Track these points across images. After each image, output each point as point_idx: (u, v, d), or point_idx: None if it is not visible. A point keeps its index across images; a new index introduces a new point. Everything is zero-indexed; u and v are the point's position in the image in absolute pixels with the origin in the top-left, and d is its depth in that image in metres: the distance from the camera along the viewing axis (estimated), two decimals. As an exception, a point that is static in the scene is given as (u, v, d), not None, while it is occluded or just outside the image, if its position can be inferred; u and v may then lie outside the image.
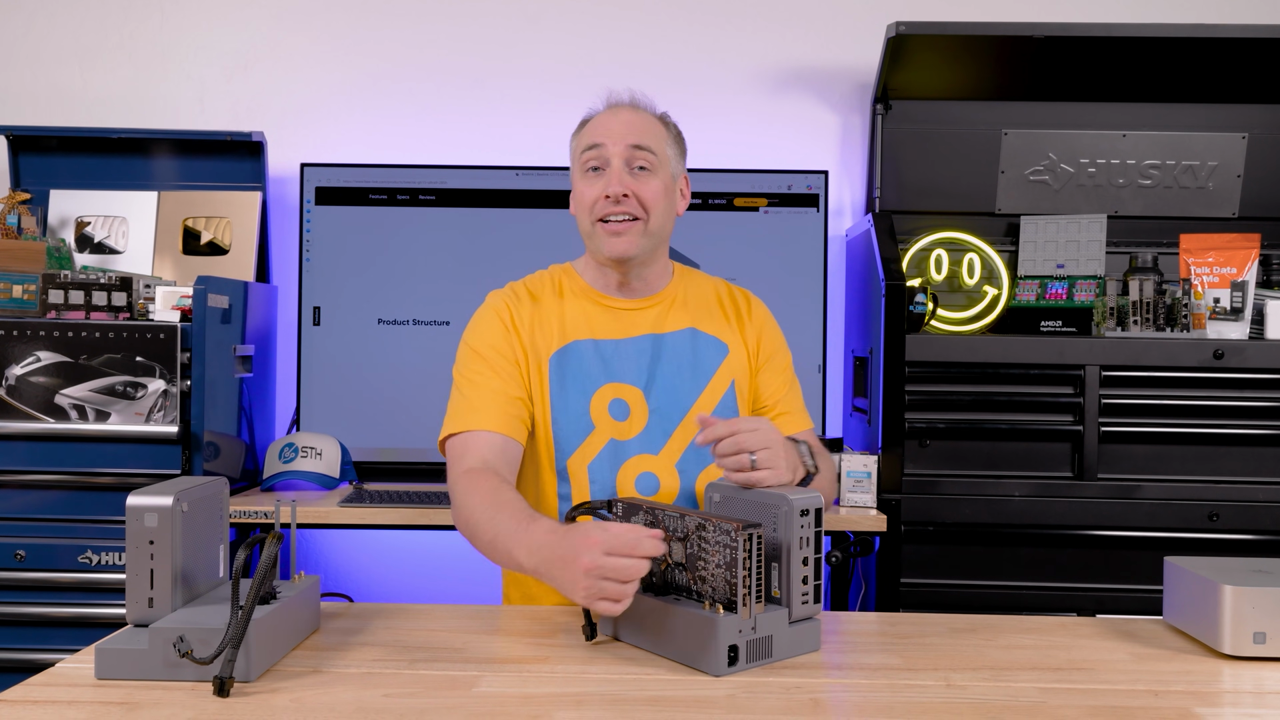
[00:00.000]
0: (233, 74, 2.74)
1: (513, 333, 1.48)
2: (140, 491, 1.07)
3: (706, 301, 1.56)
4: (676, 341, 1.50)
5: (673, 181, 1.50)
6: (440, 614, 1.30)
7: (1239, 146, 2.51)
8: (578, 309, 1.51)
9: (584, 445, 1.45)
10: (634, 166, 1.45)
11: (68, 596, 2.11)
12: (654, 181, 1.45)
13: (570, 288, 1.53)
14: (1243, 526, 2.10)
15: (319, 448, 2.33)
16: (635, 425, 1.46)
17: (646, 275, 1.52)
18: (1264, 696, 1.04)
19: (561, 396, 1.46)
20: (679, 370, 1.49)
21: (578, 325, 1.49)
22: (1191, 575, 1.21)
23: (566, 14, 2.73)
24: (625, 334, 1.50)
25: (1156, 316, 2.17)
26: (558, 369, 1.47)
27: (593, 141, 1.46)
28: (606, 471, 1.45)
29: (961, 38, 2.32)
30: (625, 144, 1.44)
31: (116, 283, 2.20)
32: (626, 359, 1.48)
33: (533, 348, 1.48)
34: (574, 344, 1.48)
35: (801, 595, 1.12)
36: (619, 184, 1.43)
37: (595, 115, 1.51)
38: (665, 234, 1.51)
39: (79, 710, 0.95)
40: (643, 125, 1.47)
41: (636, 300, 1.52)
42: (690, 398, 1.48)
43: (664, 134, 1.50)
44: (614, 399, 1.47)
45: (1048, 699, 1.02)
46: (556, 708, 0.97)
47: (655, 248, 1.50)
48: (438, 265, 2.54)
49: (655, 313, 1.52)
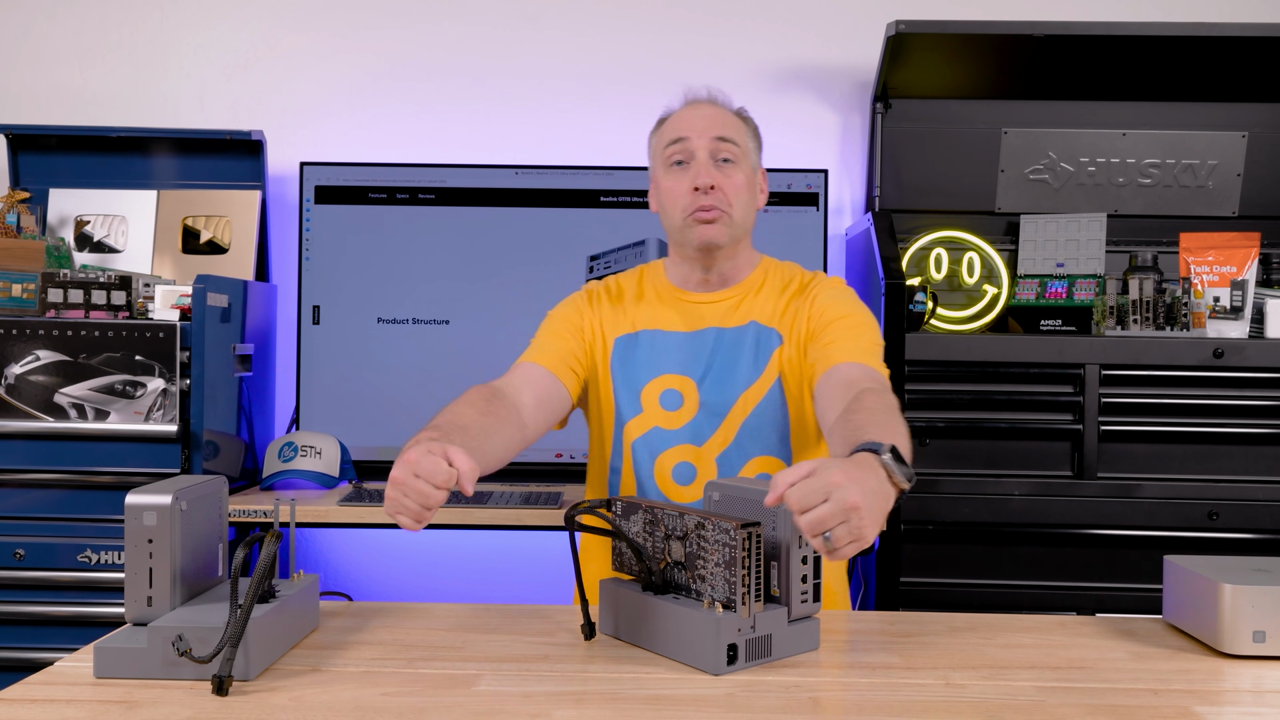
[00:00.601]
0: (232, 73, 2.74)
1: (584, 317, 1.56)
2: (139, 490, 1.07)
3: (779, 290, 1.55)
4: (737, 336, 1.52)
5: (753, 175, 1.53)
6: (439, 613, 1.30)
7: (1239, 145, 2.51)
8: (652, 302, 1.56)
9: (631, 424, 1.51)
10: (718, 158, 1.48)
11: (67, 595, 2.11)
12: (738, 175, 1.49)
13: (652, 284, 1.59)
14: (1242, 525, 2.10)
15: (318, 447, 2.33)
16: (685, 416, 1.49)
17: (728, 269, 1.54)
18: (1263, 695, 1.04)
19: (620, 377, 1.52)
20: (734, 364, 1.50)
21: (649, 317, 1.55)
22: (1191, 574, 1.21)
23: (566, 14, 2.73)
24: (690, 327, 1.53)
25: (1156, 315, 2.17)
26: (619, 357, 1.53)
27: (676, 135, 1.49)
28: (647, 457, 1.50)
29: (961, 36, 2.32)
30: (709, 136, 1.47)
31: (116, 282, 2.20)
32: (685, 351, 1.51)
33: (605, 328, 1.55)
34: (640, 333, 1.54)
35: (800, 594, 1.12)
36: (706, 176, 1.46)
37: (674, 112, 1.55)
38: (748, 226, 1.54)
39: (78, 709, 0.95)
40: (724, 118, 1.51)
41: (710, 294, 1.55)
42: (737, 391, 1.49)
43: (744, 127, 1.53)
44: (666, 390, 1.50)
45: (1047, 698, 1.02)
46: (556, 706, 0.97)
47: (739, 239, 1.53)
48: (437, 264, 2.54)
49: (724, 307, 1.54)
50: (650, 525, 1.18)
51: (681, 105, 1.55)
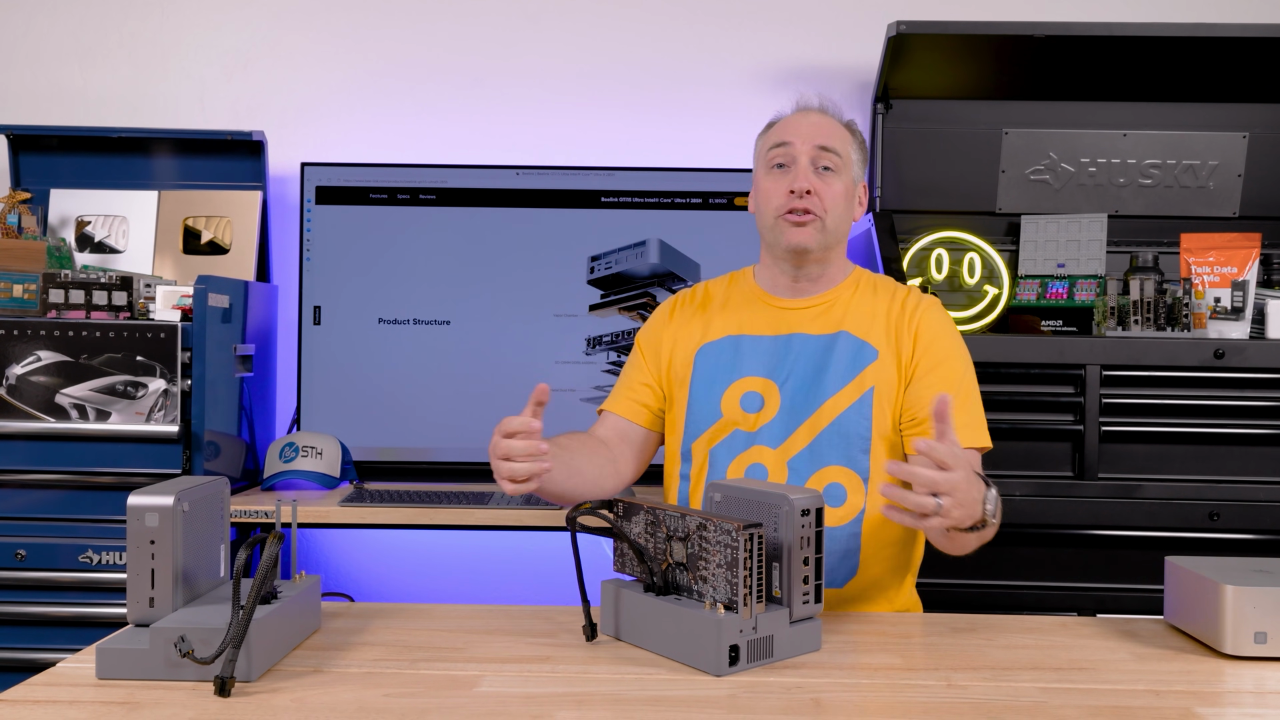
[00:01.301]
0: (233, 73, 2.74)
1: (665, 330, 1.61)
2: (141, 491, 1.07)
3: (873, 306, 1.54)
4: (824, 343, 1.51)
5: (853, 186, 1.54)
6: (441, 613, 1.31)
7: (1240, 146, 2.51)
8: (739, 306, 1.58)
9: (709, 432, 1.52)
10: (819, 166, 1.49)
11: (68, 596, 2.11)
12: (837, 183, 1.50)
13: (740, 288, 1.61)
14: (1243, 526, 2.10)
15: (319, 447, 2.33)
16: (764, 417, 1.49)
17: (817, 275, 1.55)
18: (1265, 696, 1.04)
19: (699, 385, 1.54)
20: (819, 370, 1.49)
21: (734, 321, 1.56)
22: (1192, 575, 1.21)
23: (566, 13, 2.73)
24: (776, 331, 1.53)
25: (1157, 316, 2.17)
26: (702, 360, 1.55)
27: (780, 140, 1.51)
28: (724, 458, 1.51)
29: (962, 37, 2.32)
30: (813, 144, 1.49)
31: (117, 282, 2.20)
32: (771, 355, 1.52)
33: (687, 339, 1.58)
34: (724, 339, 1.55)
35: (802, 595, 1.12)
36: (804, 180, 1.47)
37: (783, 117, 1.57)
38: (842, 234, 1.54)
39: (80, 710, 0.95)
40: (830, 128, 1.52)
41: (798, 300, 1.55)
42: (822, 398, 1.47)
43: (849, 139, 1.54)
44: (747, 392, 1.51)
45: (1049, 699, 1.02)
46: (558, 707, 0.97)
47: (831, 246, 1.53)
48: (438, 264, 2.54)
49: (813, 313, 1.54)
50: (652, 526, 1.18)
51: (791, 111, 1.57)
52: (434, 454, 2.50)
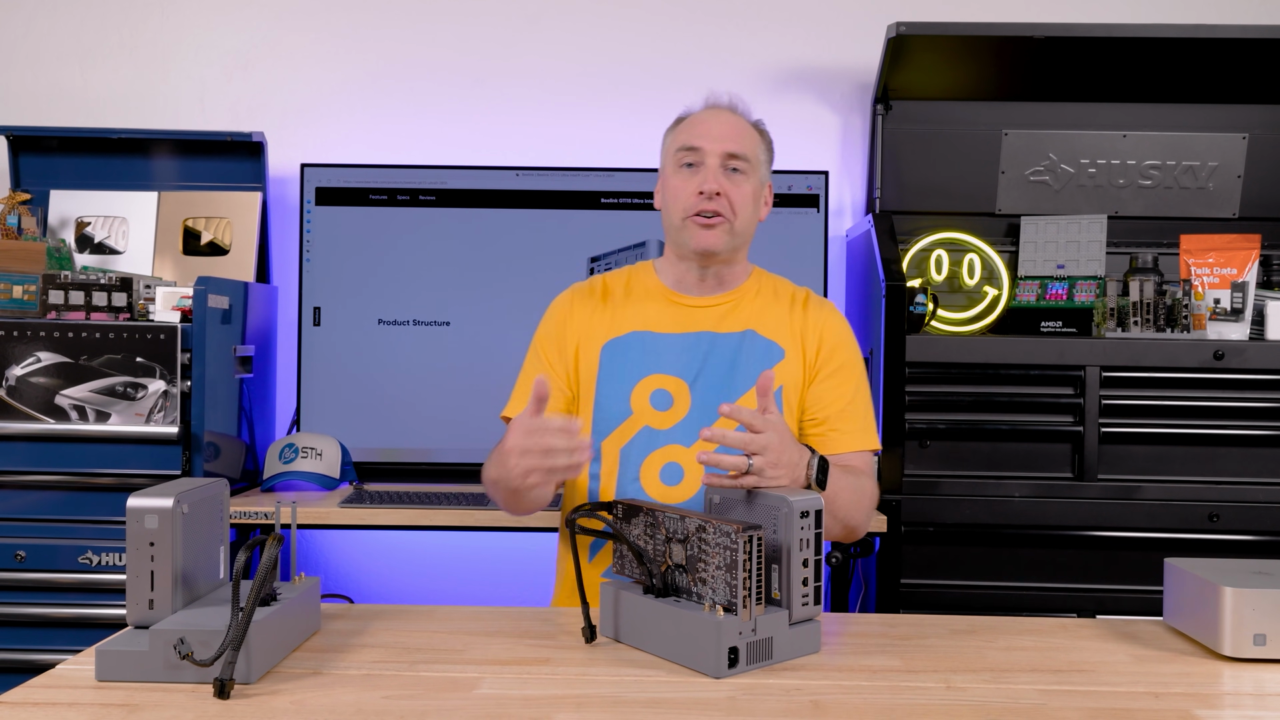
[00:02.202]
0: (233, 74, 2.74)
1: (566, 326, 1.57)
2: (141, 493, 1.07)
3: (776, 306, 1.56)
4: (731, 341, 1.52)
5: (760, 188, 1.54)
6: (441, 615, 1.31)
7: (1239, 147, 2.51)
8: (643, 303, 1.56)
9: (619, 429, 1.50)
10: (728, 168, 1.49)
11: (68, 597, 2.11)
12: (746, 185, 1.50)
13: (642, 284, 1.59)
14: (1243, 527, 2.11)
15: (319, 448, 2.33)
16: (675, 416, 1.49)
17: (724, 274, 1.55)
18: (1264, 699, 1.04)
19: (607, 382, 1.52)
20: (729, 369, 1.50)
21: (637, 319, 1.54)
22: (1191, 577, 1.21)
23: (566, 14, 2.73)
24: (683, 329, 1.53)
25: (1157, 317, 2.17)
26: (609, 356, 1.53)
27: (689, 144, 1.50)
28: (635, 457, 1.49)
29: (962, 38, 2.32)
30: (722, 149, 1.49)
31: (117, 283, 2.20)
32: (677, 353, 1.51)
33: (587, 338, 1.55)
34: (630, 335, 1.53)
35: (802, 597, 1.12)
36: (714, 182, 1.47)
37: (692, 114, 1.55)
38: (747, 236, 1.55)
39: (79, 712, 0.95)
40: (740, 130, 1.52)
41: (703, 298, 1.55)
42: (734, 396, 1.49)
43: (758, 140, 1.54)
44: (657, 389, 1.50)
45: (1048, 701, 1.02)
46: (557, 709, 0.97)
47: (739, 248, 1.54)
48: (438, 266, 2.54)
49: (718, 312, 1.54)
50: (651, 528, 1.18)
51: (701, 108, 1.56)
52: (434, 455, 2.50)
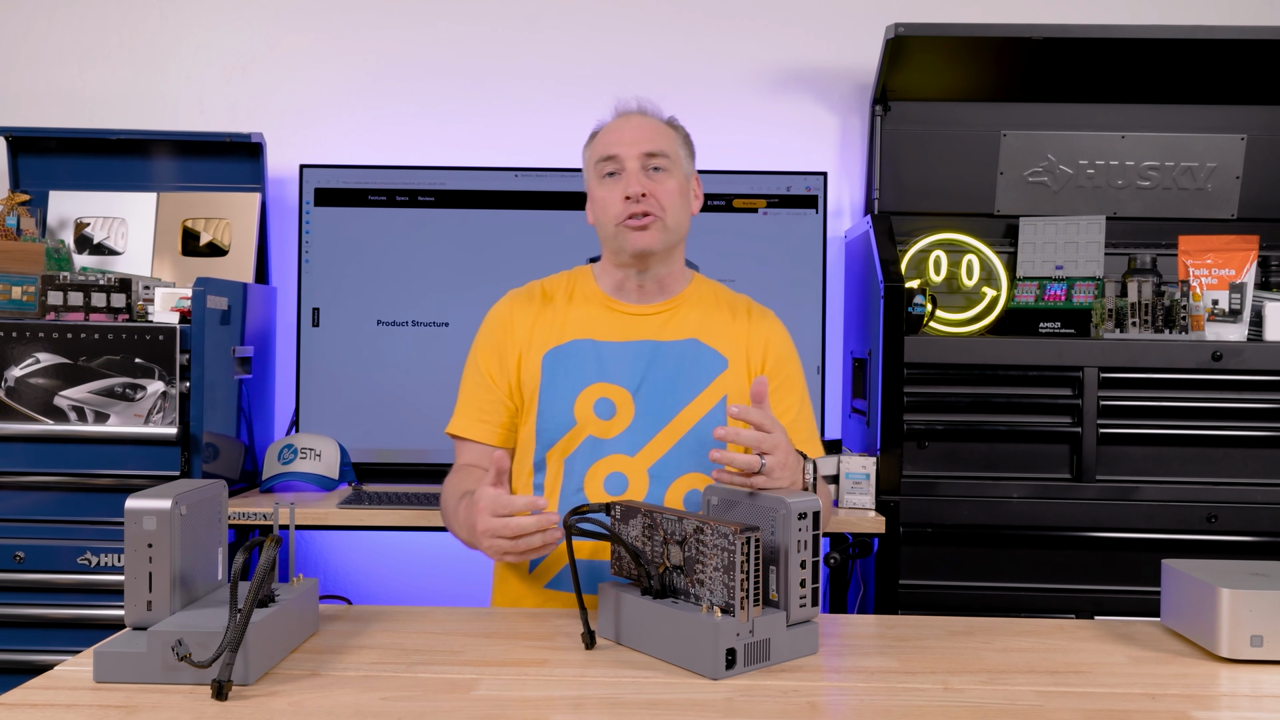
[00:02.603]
0: (232, 75, 2.74)
1: (507, 333, 1.55)
2: (139, 494, 1.07)
3: (717, 313, 1.56)
4: (675, 350, 1.51)
5: (686, 182, 1.54)
6: (439, 616, 1.31)
7: (1238, 148, 2.51)
8: (584, 311, 1.54)
9: (564, 440, 1.49)
10: (649, 169, 1.49)
11: (66, 598, 2.11)
12: (670, 181, 1.50)
13: (582, 290, 1.57)
14: (1241, 528, 2.11)
15: (318, 449, 2.33)
16: (619, 425, 1.48)
17: (663, 276, 1.54)
18: (1261, 700, 1.04)
19: (550, 392, 1.50)
20: (673, 378, 1.50)
21: (580, 326, 1.53)
22: (1189, 578, 1.21)
23: (566, 14, 2.73)
24: (625, 337, 1.52)
25: (1155, 318, 2.17)
26: (550, 366, 1.51)
27: (607, 153, 1.51)
28: (579, 467, 1.48)
29: (961, 39, 2.32)
30: (639, 152, 1.49)
31: (115, 284, 2.20)
32: (621, 361, 1.50)
33: (528, 346, 1.53)
34: (571, 343, 1.52)
35: (799, 598, 1.12)
36: (637, 184, 1.47)
37: (605, 125, 1.56)
38: (682, 233, 1.54)
39: (77, 714, 0.95)
40: (654, 131, 1.52)
41: (644, 306, 1.54)
42: (678, 406, 1.48)
43: (674, 136, 1.54)
44: (600, 398, 1.49)
45: (1045, 702, 1.02)
46: (555, 711, 0.98)
47: (674, 246, 1.53)
48: (437, 266, 2.54)
49: (659, 320, 1.54)
50: (649, 530, 1.18)
51: (612, 117, 1.56)
52: (432, 455, 2.50)
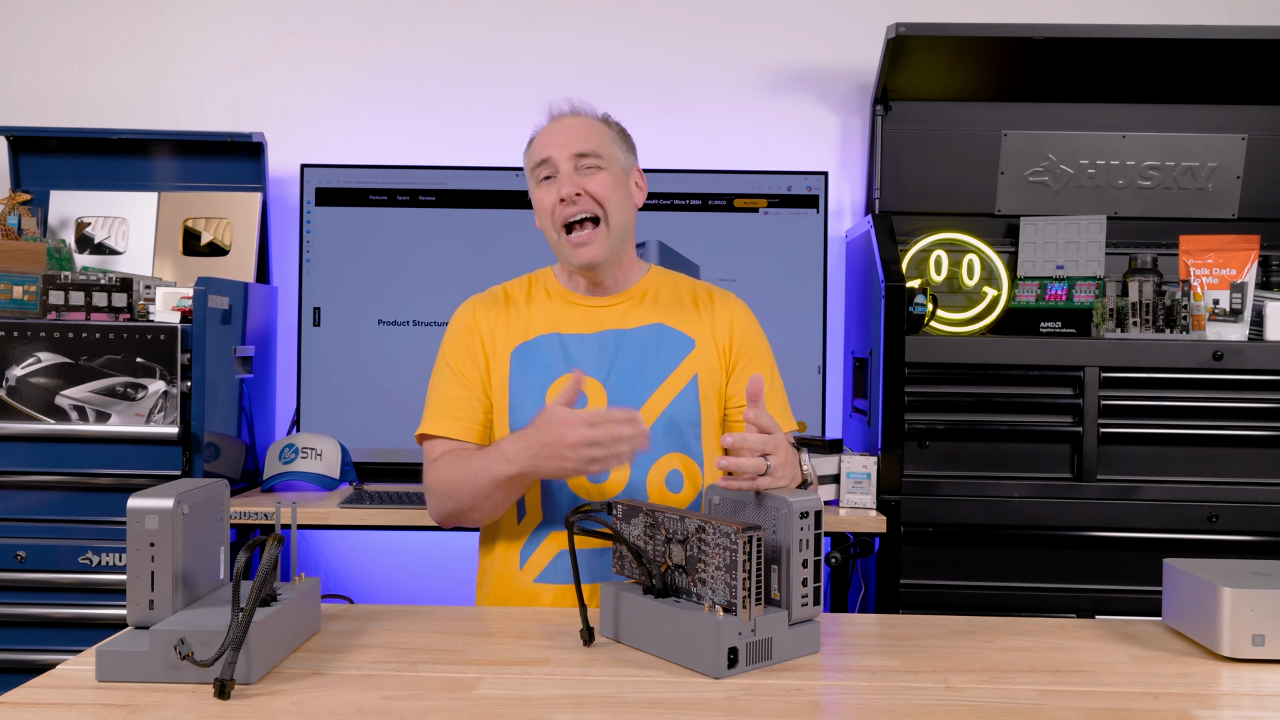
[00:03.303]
0: (233, 74, 2.74)
1: (474, 334, 1.56)
2: (141, 494, 1.08)
3: (678, 298, 1.58)
4: (640, 336, 1.53)
5: (624, 175, 1.55)
6: (441, 616, 1.31)
7: (1238, 148, 2.51)
8: (547, 307, 1.57)
9: None
10: (581, 168, 1.51)
11: (68, 597, 2.11)
12: (602, 175, 1.51)
13: (544, 288, 1.60)
14: (1242, 528, 2.11)
15: (319, 448, 2.33)
16: None
17: (616, 272, 1.56)
18: (1263, 699, 1.04)
19: (521, 388, 1.52)
20: (640, 364, 1.51)
21: (544, 322, 1.55)
22: (1190, 577, 1.21)
23: (566, 14, 2.73)
24: (590, 329, 1.54)
25: (1156, 318, 2.17)
26: (519, 362, 1.53)
27: (540, 157, 1.53)
28: None
29: (961, 39, 2.32)
30: (569, 152, 1.50)
31: (117, 284, 2.20)
32: (588, 353, 1.52)
33: (494, 345, 1.55)
34: (538, 338, 1.54)
35: (801, 597, 1.12)
36: (570, 184, 1.49)
37: (539, 130, 1.57)
38: (628, 227, 1.56)
39: (80, 713, 0.95)
40: (584, 131, 1.53)
41: (605, 298, 1.57)
42: (648, 390, 1.50)
43: (607, 133, 1.56)
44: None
45: (1047, 701, 1.02)
46: (557, 710, 0.98)
47: (621, 243, 1.54)
48: (437, 266, 2.54)
49: (622, 309, 1.56)
50: (651, 529, 1.18)
51: (545, 121, 1.57)
52: (433, 455, 2.50)
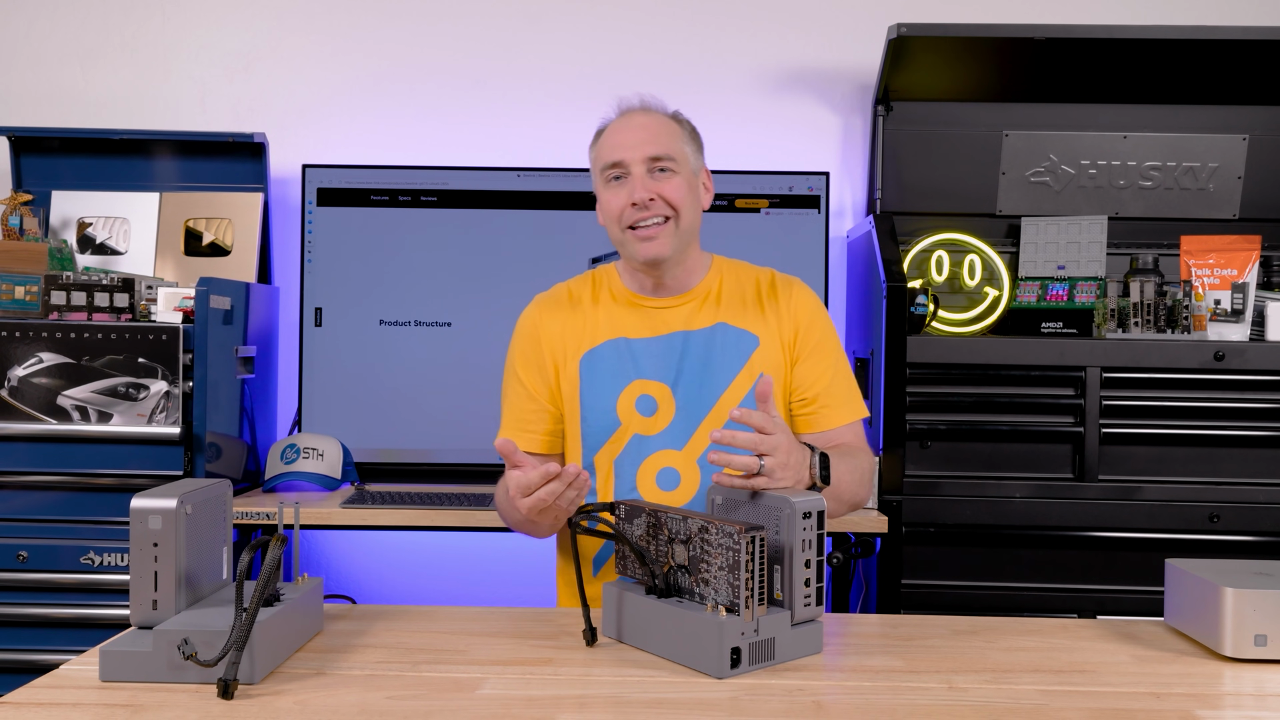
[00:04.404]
0: (234, 75, 2.74)
1: (540, 344, 1.55)
2: (144, 494, 1.08)
3: (742, 294, 1.55)
4: (705, 337, 1.51)
5: (694, 177, 1.53)
6: (443, 615, 1.31)
7: (1240, 148, 2.52)
8: (611, 310, 1.55)
9: (610, 441, 1.50)
10: (655, 171, 1.48)
11: (70, 598, 2.11)
12: (677, 179, 1.49)
13: (608, 290, 1.58)
14: (1244, 528, 2.11)
15: (321, 449, 2.33)
16: (661, 421, 1.49)
17: (679, 273, 1.54)
18: (1265, 699, 1.04)
19: (590, 395, 1.51)
20: (706, 366, 1.50)
21: (610, 326, 1.54)
22: (1192, 577, 1.21)
23: (567, 14, 2.74)
24: (655, 332, 1.52)
25: (1157, 318, 2.17)
26: (588, 368, 1.52)
27: (612, 159, 1.49)
28: (629, 467, 1.49)
29: (962, 39, 2.32)
30: (643, 155, 1.47)
31: (118, 284, 2.20)
32: (655, 356, 1.51)
33: (563, 352, 1.54)
34: (605, 344, 1.52)
35: (804, 597, 1.12)
36: (643, 189, 1.46)
37: (609, 125, 1.54)
38: (695, 230, 1.54)
39: (83, 712, 0.95)
40: (657, 130, 1.50)
41: (669, 299, 1.55)
42: (716, 393, 1.49)
43: (679, 133, 1.52)
44: (641, 395, 1.50)
45: (1049, 701, 1.02)
46: (560, 710, 0.98)
47: (687, 244, 1.52)
48: (439, 266, 2.54)
49: (686, 310, 1.54)
50: (653, 529, 1.18)
51: (615, 116, 1.54)
52: (435, 455, 2.50)
